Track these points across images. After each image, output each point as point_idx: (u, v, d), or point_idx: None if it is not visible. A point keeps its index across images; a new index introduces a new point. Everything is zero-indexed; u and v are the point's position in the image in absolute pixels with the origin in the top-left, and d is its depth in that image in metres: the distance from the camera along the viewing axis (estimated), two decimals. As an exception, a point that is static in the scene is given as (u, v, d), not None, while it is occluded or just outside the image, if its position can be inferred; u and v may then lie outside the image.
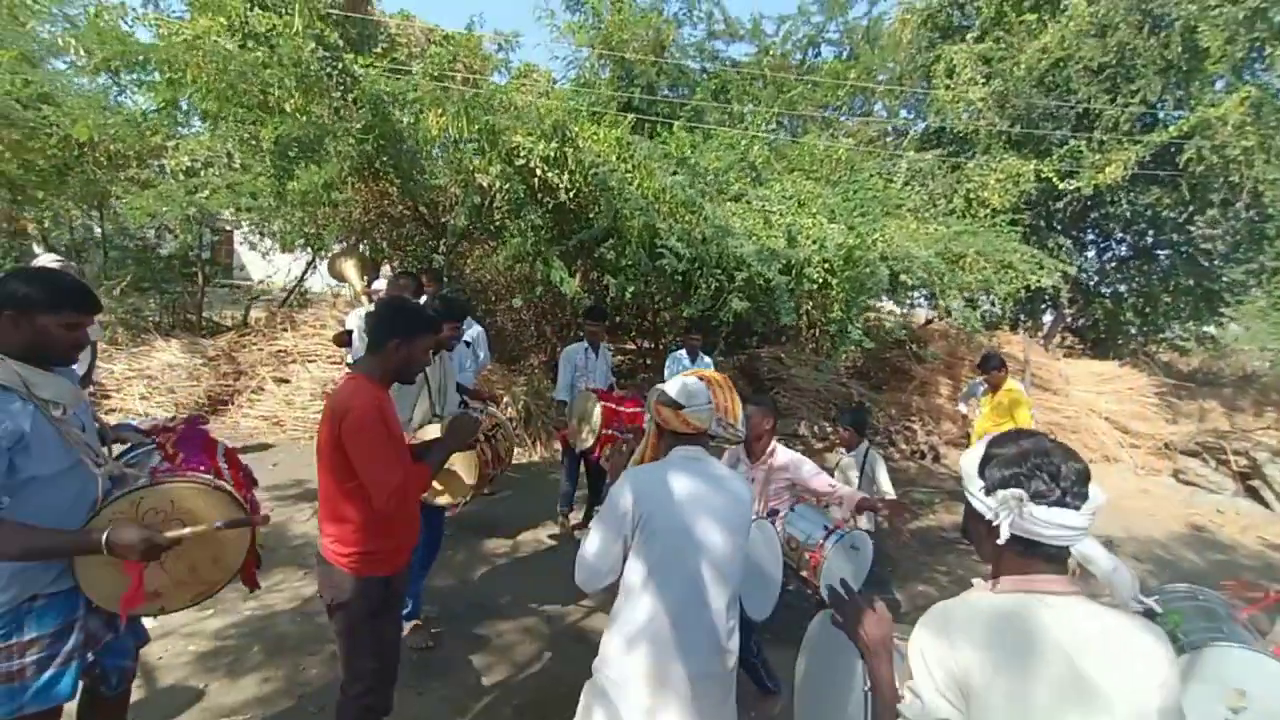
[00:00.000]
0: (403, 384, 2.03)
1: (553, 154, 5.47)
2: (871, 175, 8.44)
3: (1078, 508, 1.01)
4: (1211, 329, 11.86)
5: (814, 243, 6.38)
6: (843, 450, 4.06)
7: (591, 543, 1.63)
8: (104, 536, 1.47)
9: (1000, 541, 1.03)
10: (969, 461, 1.13)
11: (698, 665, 1.57)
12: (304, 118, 5.25)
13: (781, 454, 3.04)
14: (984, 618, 1.03)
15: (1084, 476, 1.04)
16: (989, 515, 1.06)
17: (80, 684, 1.63)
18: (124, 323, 7.45)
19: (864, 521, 3.30)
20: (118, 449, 1.86)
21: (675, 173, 6.01)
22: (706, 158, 7.25)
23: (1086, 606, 1.02)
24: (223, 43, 5.16)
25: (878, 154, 10.57)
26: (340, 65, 5.20)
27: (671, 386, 1.77)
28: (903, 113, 12.19)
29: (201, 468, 1.78)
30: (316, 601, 3.41)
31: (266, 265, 10.18)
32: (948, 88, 10.13)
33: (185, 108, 7.37)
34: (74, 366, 1.72)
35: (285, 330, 7.34)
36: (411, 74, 6.06)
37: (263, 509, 1.87)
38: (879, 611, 1.23)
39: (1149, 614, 2.09)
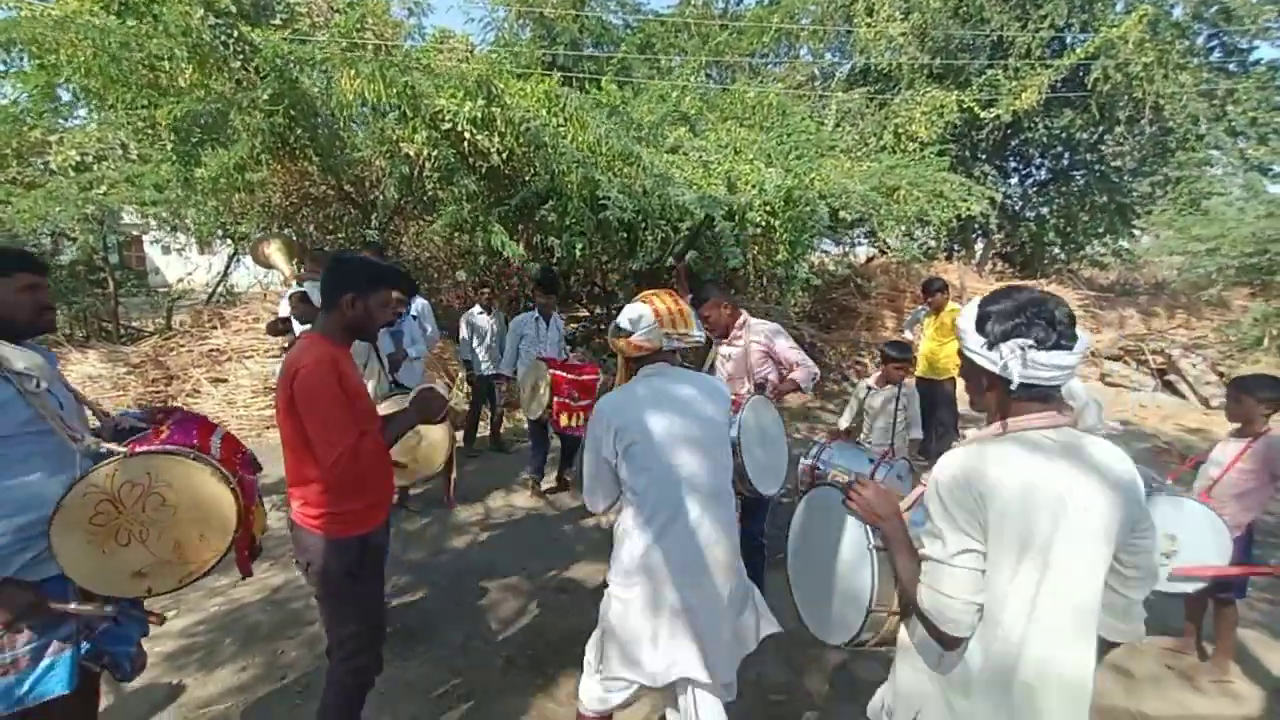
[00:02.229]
0: (364, 341, 1.97)
1: (480, 115, 5.24)
2: (803, 119, 8.48)
3: (1071, 348, 1.10)
4: (1125, 243, 12.64)
5: (753, 187, 6.40)
6: (869, 385, 3.78)
7: (586, 470, 1.78)
8: None
9: (1013, 388, 1.11)
10: (965, 321, 1.19)
11: (703, 570, 1.66)
12: (202, 93, 4.85)
13: (754, 326, 2.98)
14: (994, 459, 1.11)
15: (1072, 319, 1.13)
16: (993, 367, 1.13)
17: (80, 674, 1.60)
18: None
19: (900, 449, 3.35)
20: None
21: (609, 118, 5.89)
22: (639, 110, 7.13)
23: (1076, 438, 1.13)
24: (96, 22, 4.68)
25: (807, 97, 10.65)
26: (237, 33, 4.80)
27: (620, 316, 1.83)
28: (828, 55, 12.26)
29: (189, 443, 1.70)
30: (286, 589, 3.32)
31: (184, 264, 9.56)
32: (869, 25, 10.23)
33: (66, 97, 6.74)
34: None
35: (215, 329, 6.92)
36: (318, 41, 5.67)
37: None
38: (880, 488, 1.32)
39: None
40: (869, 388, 3.76)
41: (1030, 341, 1.09)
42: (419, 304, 4.60)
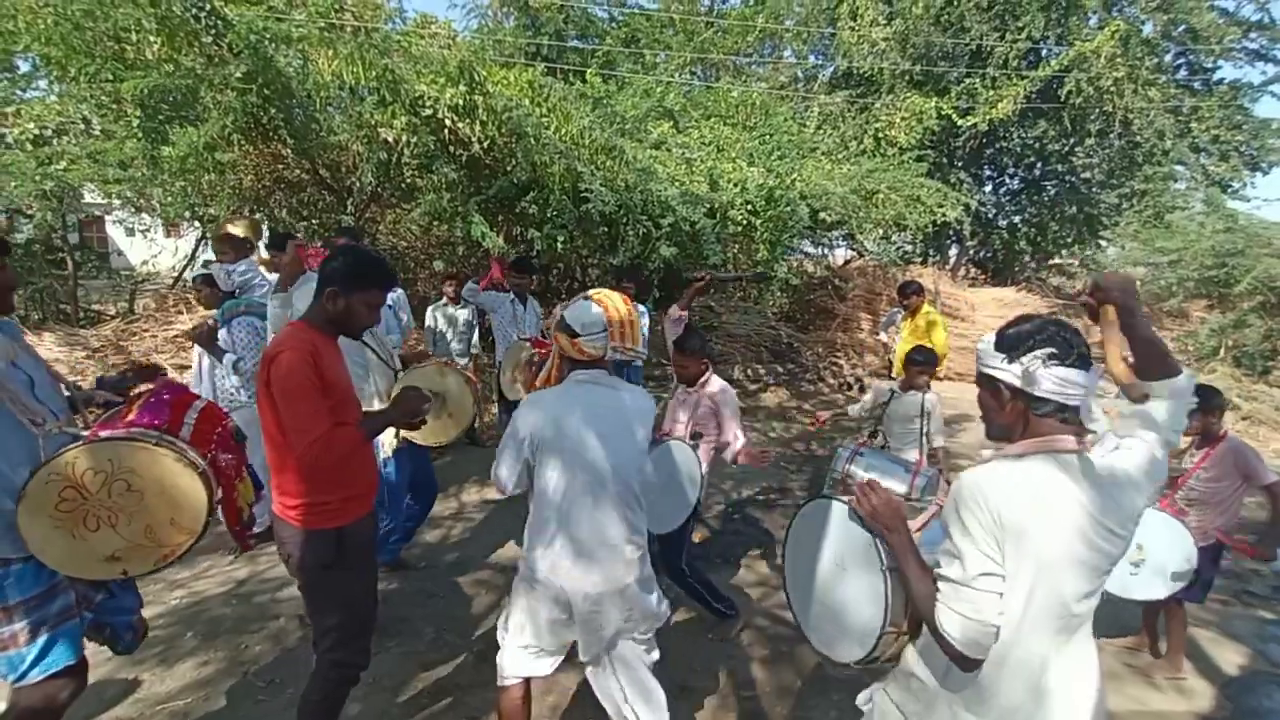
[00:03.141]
0: (348, 337, 1.92)
1: (461, 102, 5.15)
2: (786, 119, 8.54)
3: (1088, 369, 1.12)
4: (1093, 253, 13.02)
5: (735, 185, 6.43)
6: (893, 389, 3.62)
7: (501, 462, 1.78)
8: None
9: (1036, 392, 1.12)
10: (984, 343, 1.22)
11: (597, 571, 1.70)
12: (171, 68, 4.67)
13: (714, 384, 3.06)
14: (1013, 479, 1.11)
15: (1088, 345, 1.15)
16: (1014, 379, 1.14)
17: (84, 646, 1.63)
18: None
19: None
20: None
21: (593, 110, 5.84)
22: (624, 104, 7.09)
23: (1097, 460, 1.14)
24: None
25: (790, 98, 10.71)
26: (209, 6, 4.63)
27: (571, 312, 1.78)
28: (811, 57, 12.36)
29: (156, 424, 1.65)
30: (251, 583, 3.23)
31: (148, 247, 9.22)
32: (852, 29, 10.34)
33: (25, 68, 6.44)
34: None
35: (180, 314, 6.71)
36: (294, 20, 5.50)
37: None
38: (888, 496, 1.31)
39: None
40: (893, 392, 3.66)
41: (1052, 350, 1.11)
42: (395, 294, 4.52)
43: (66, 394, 1.77)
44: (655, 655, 1.87)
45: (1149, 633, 2.93)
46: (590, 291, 1.82)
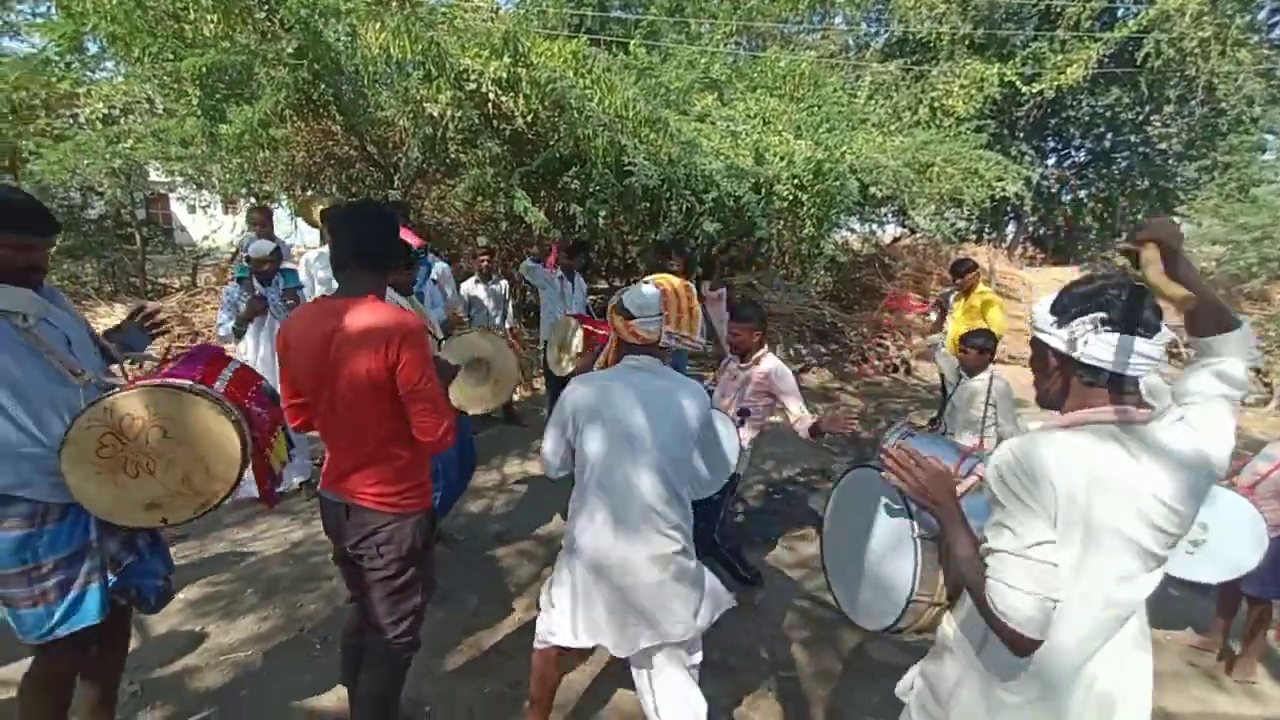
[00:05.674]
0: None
1: (505, 75, 5.12)
2: (836, 90, 8.19)
3: (1149, 336, 1.02)
4: (1165, 230, 12.20)
5: (782, 159, 6.22)
6: (961, 372, 3.47)
7: (547, 440, 1.80)
8: None
9: (1082, 359, 1.04)
10: (1041, 306, 1.13)
11: (634, 552, 1.67)
12: (227, 44, 4.79)
13: (767, 362, 2.98)
14: (1061, 447, 1.03)
15: (1159, 311, 1.04)
16: (1062, 345, 1.06)
17: (109, 606, 1.67)
18: (61, 290, 6.99)
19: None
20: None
21: (637, 83, 5.73)
22: (668, 75, 6.93)
23: (1150, 432, 1.04)
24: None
25: (841, 68, 10.28)
26: (261, -19, 4.71)
27: (629, 294, 1.76)
28: (864, 24, 11.80)
29: (192, 377, 1.69)
30: (307, 544, 3.37)
31: (208, 222, 9.62)
32: (910, -8, 9.81)
33: (94, 50, 6.71)
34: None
35: (238, 287, 6.97)
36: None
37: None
38: (934, 468, 1.22)
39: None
40: (960, 374, 3.46)
41: (1104, 315, 1.01)
42: (439, 268, 4.59)
43: (107, 355, 1.83)
44: (697, 657, 1.82)
45: (1221, 631, 2.77)
46: (652, 276, 1.79)
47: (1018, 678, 1.08)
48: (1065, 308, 1.07)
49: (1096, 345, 1.02)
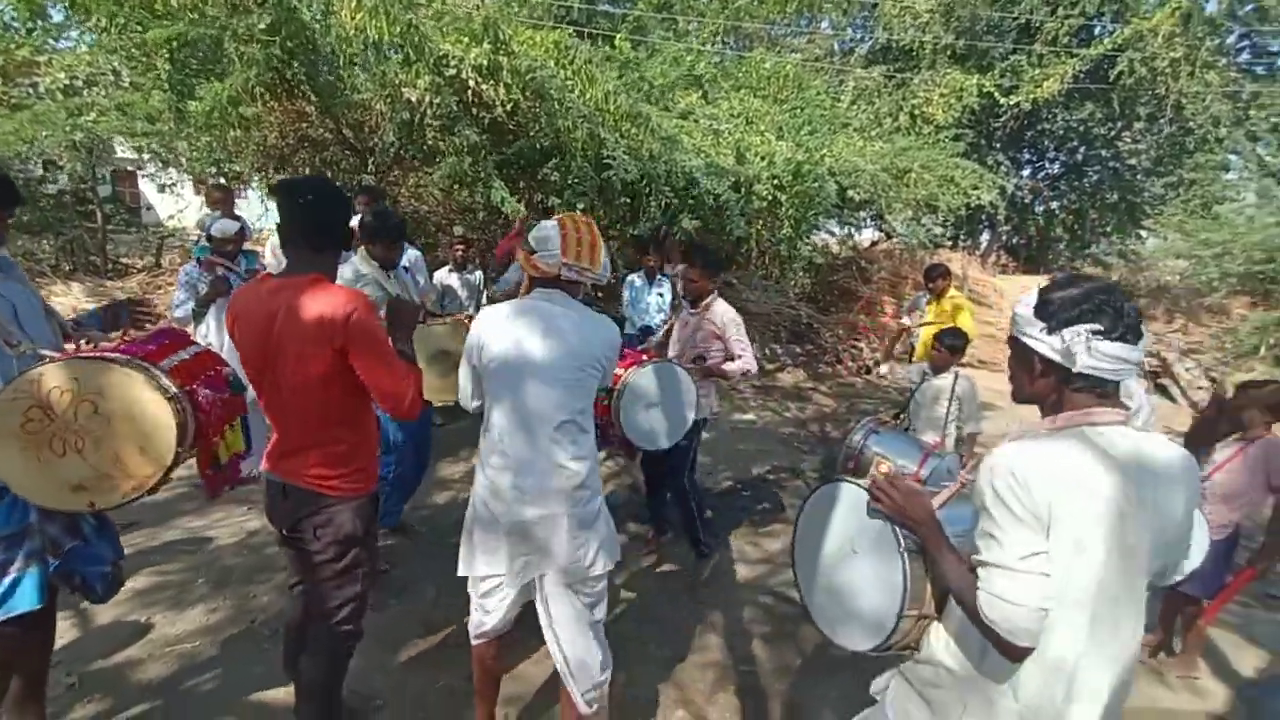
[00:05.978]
0: None
1: (485, 62, 5.04)
2: (819, 93, 8.25)
3: (1136, 343, 1.03)
4: (1132, 243, 12.54)
5: (762, 159, 6.25)
6: (925, 370, 3.54)
7: (460, 374, 1.83)
8: None
9: (1076, 369, 1.04)
10: (1023, 306, 1.12)
11: (531, 480, 1.68)
12: (195, 16, 4.63)
13: (717, 307, 3.06)
14: (1049, 454, 1.04)
15: (1139, 314, 1.06)
16: (1053, 354, 1.06)
17: (49, 592, 1.62)
18: (15, 267, 6.72)
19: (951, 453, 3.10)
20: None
21: (619, 77, 5.69)
22: (652, 70, 6.90)
23: (1135, 435, 1.06)
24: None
25: (825, 71, 10.35)
26: (233, -47, 4.57)
27: (533, 230, 1.81)
28: (850, 30, 11.90)
29: (135, 354, 1.60)
30: (263, 534, 3.28)
31: (175, 202, 9.34)
32: (895, 1, 9.91)
33: (58, 18, 6.46)
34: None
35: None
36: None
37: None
38: (909, 488, 1.22)
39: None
40: (924, 374, 3.52)
41: (1098, 327, 1.02)
42: (411, 255, 4.51)
43: (61, 328, 1.76)
44: (599, 612, 1.83)
45: (1164, 629, 2.85)
46: (559, 215, 1.82)
47: (1017, 686, 1.07)
48: (1053, 314, 1.06)
49: (1095, 357, 1.02)
